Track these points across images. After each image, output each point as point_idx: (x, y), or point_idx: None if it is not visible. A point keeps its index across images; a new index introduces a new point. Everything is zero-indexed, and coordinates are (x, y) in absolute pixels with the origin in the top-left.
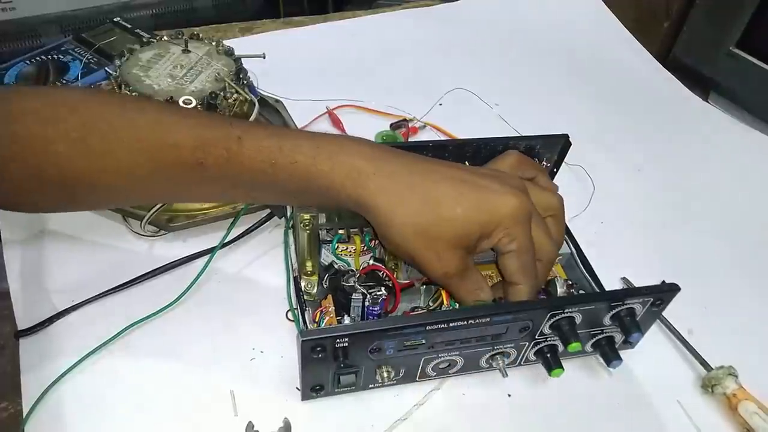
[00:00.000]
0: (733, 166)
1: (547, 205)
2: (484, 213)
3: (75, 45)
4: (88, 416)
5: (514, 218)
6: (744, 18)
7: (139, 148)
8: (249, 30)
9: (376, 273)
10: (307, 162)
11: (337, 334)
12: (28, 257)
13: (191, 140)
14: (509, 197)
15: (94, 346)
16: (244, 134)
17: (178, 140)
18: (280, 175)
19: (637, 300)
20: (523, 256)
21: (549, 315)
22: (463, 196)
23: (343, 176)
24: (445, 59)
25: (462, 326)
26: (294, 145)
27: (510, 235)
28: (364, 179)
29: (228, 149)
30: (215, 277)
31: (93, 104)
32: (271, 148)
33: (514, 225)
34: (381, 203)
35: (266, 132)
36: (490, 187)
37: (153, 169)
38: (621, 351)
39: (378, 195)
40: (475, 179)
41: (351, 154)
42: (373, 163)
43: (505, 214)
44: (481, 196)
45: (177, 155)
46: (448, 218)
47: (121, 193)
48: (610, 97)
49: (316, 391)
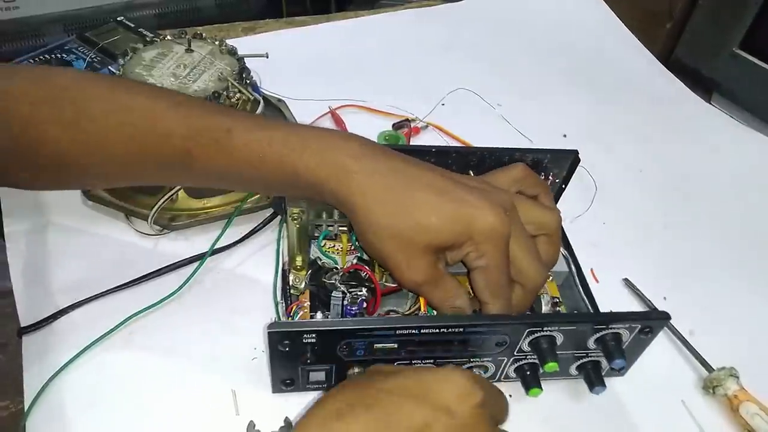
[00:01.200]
0: (735, 167)
1: (541, 222)
2: (458, 225)
3: (78, 44)
4: (89, 413)
5: (486, 234)
6: (747, 19)
7: (130, 133)
8: (252, 29)
9: (359, 273)
10: (293, 157)
11: (303, 329)
12: (31, 255)
13: (181, 129)
14: (486, 212)
15: (95, 342)
16: (234, 126)
17: (168, 128)
18: (267, 168)
19: (623, 325)
20: (492, 274)
21: (527, 332)
22: (440, 205)
23: (327, 172)
24: (448, 59)
25: (434, 334)
26: (283, 139)
27: (479, 250)
28: (347, 177)
29: (217, 140)
30: (218, 275)
31: (86, 86)
32: (259, 142)
33: (484, 241)
34: (359, 202)
35: (257, 125)
36: (469, 200)
37: (142, 155)
38: (608, 378)
39: (357, 193)
40: (457, 190)
41: (338, 151)
42: (358, 162)
43: (477, 229)
44: (458, 208)
45: (166, 143)
46: (422, 225)
47: (111, 175)
48: (612, 97)
49: (286, 385)
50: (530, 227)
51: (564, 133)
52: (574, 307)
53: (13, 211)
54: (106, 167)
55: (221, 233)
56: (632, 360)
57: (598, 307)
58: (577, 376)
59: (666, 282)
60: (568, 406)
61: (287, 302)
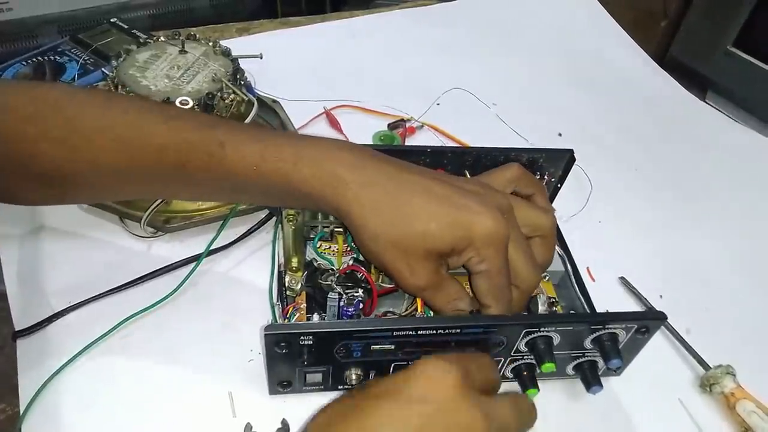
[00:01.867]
0: (730, 165)
1: (536, 224)
2: (458, 230)
3: (72, 46)
4: (85, 416)
5: (486, 239)
6: (741, 17)
7: (122, 149)
8: (246, 30)
9: (356, 274)
10: (287, 168)
11: (300, 331)
12: (25, 258)
13: (173, 143)
14: (485, 218)
15: (91, 345)
16: (227, 139)
17: (161, 143)
18: (261, 180)
19: (619, 325)
20: (494, 278)
21: (524, 332)
22: (438, 212)
23: (322, 183)
24: (443, 59)
25: (431, 335)
26: (276, 150)
27: (480, 255)
28: (342, 187)
29: (210, 154)
30: (213, 277)
31: (75, 103)
32: (253, 154)
33: (485, 246)
34: (356, 211)
35: (250, 137)
36: (468, 205)
37: (136, 170)
38: (605, 378)
39: (354, 204)
40: (454, 195)
41: (332, 161)
42: (353, 171)
43: (477, 234)
44: (457, 213)
45: (159, 158)
46: (421, 232)
47: (106, 190)
48: (607, 96)
49: (283, 387)
50: (525, 229)
51: (559, 132)
52: (570, 306)
53: (7, 214)
54: (101, 182)
55: (217, 234)
56: (629, 359)
57: (594, 306)
58: (573, 376)
59: (662, 280)
60: (565, 406)
61: (283, 304)
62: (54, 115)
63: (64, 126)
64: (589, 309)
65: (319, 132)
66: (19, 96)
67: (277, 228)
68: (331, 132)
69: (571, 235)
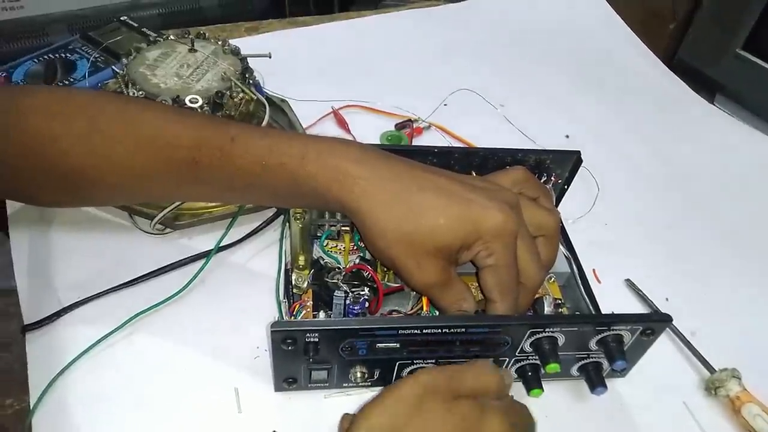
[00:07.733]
0: (739, 168)
1: (540, 223)
2: (467, 225)
3: (82, 44)
4: (93, 410)
5: (496, 233)
6: (751, 20)
7: (139, 146)
8: (255, 30)
9: (362, 273)
10: (294, 163)
11: (306, 329)
12: (35, 253)
13: (188, 139)
14: (494, 211)
15: (99, 340)
16: (237, 135)
17: (176, 138)
18: (269, 176)
19: (625, 327)
20: (502, 272)
21: (529, 332)
22: (447, 207)
23: (329, 179)
24: (451, 60)
25: (436, 334)
26: (284, 146)
27: (489, 249)
28: (349, 183)
29: (221, 149)
30: (220, 274)
31: (97, 103)
32: (261, 149)
33: (494, 239)
34: (364, 208)
35: (260, 134)
36: (476, 200)
37: (150, 167)
38: (609, 379)
39: (362, 199)
40: (463, 190)
41: (339, 157)
42: (360, 167)
43: (486, 228)
44: (466, 208)
45: (173, 153)
46: (430, 228)
47: (120, 190)
48: (615, 98)
49: (288, 384)
50: (530, 228)
51: (566, 134)
52: (575, 307)
53: (18, 209)
54: (116, 182)
55: (226, 231)
56: (634, 361)
57: (599, 308)
58: (578, 376)
59: (668, 283)
60: (570, 407)
61: (290, 301)
62: (78, 114)
63: (87, 125)
64: (595, 310)
65: (326, 131)
66: (45, 97)
67: (284, 226)
68: (339, 132)
69: (577, 237)
